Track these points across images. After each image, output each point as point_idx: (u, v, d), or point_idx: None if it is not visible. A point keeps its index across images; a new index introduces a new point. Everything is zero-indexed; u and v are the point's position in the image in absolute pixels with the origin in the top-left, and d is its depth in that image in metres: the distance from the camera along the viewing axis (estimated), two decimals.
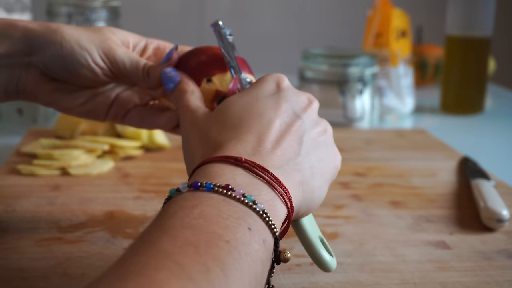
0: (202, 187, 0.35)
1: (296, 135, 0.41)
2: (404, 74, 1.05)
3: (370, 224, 0.57)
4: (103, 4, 0.93)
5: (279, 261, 0.37)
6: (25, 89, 0.49)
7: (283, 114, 0.42)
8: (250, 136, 0.40)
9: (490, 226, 0.57)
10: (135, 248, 0.31)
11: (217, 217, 0.33)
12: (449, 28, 1.07)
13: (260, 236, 0.34)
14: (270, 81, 0.44)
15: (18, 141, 0.80)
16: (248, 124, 0.41)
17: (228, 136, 0.40)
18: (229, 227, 0.32)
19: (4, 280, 0.44)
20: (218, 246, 0.31)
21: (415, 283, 0.46)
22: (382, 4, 1.05)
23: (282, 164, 0.39)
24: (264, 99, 0.43)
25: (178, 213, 0.33)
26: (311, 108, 0.44)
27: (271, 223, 0.35)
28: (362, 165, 0.75)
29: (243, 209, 0.34)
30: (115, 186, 0.65)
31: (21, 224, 0.54)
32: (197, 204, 0.33)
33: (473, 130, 1.02)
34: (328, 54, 0.97)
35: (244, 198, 0.34)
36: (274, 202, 0.37)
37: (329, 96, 0.94)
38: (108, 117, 0.52)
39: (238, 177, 0.36)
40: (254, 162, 0.37)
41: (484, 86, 1.08)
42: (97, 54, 0.48)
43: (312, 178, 0.41)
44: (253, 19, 1.95)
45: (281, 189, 0.37)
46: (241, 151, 0.39)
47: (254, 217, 0.34)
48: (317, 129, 0.43)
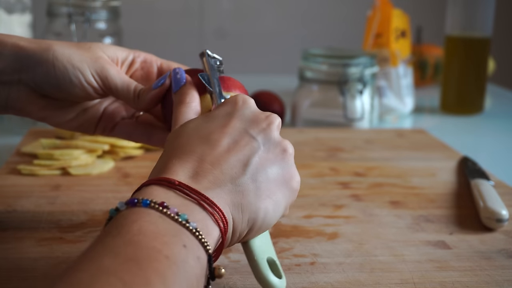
0: (139, 203, 0.36)
1: (243, 155, 0.41)
2: (404, 74, 1.05)
3: (370, 224, 0.57)
4: (103, 4, 0.93)
5: (213, 277, 0.38)
6: (15, 105, 0.50)
7: (233, 133, 0.42)
8: (192, 156, 0.41)
9: (490, 226, 0.57)
10: (78, 266, 0.31)
11: (155, 234, 0.34)
12: (449, 28, 1.07)
13: (194, 253, 0.35)
14: (228, 102, 0.44)
15: (19, 141, 0.80)
16: (193, 144, 0.41)
17: (172, 156, 0.41)
18: (167, 243, 0.34)
19: (4, 280, 0.45)
20: (159, 261, 0.32)
21: (415, 283, 0.46)
22: (382, 4, 1.05)
23: (220, 184, 0.40)
24: (217, 119, 0.43)
25: (118, 230, 0.34)
26: (268, 127, 0.43)
27: (204, 241, 0.36)
28: (362, 165, 0.75)
29: (178, 227, 0.35)
30: (115, 186, 0.65)
31: (21, 224, 0.54)
32: (136, 219, 0.35)
33: (472, 130, 1.02)
34: (328, 54, 0.97)
35: (177, 217, 0.36)
36: (206, 221, 0.37)
37: (329, 96, 0.94)
38: (97, 130, 0.54)
39: (171, 199, 0.37)
40: (186, 185, 0.38)
41: (484, 86, 1.09)
42: (90, 74, 0.49)
43: (256, 200, 0.40)
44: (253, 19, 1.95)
45: (211, 209, 0.38)
46: (179, 172, 0.39)
47: (188, 235, 0.35)
48: (272, 150, 0.42)
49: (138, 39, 1.46)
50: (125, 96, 0.50)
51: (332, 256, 0.50)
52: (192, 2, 1.90)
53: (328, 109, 0.94)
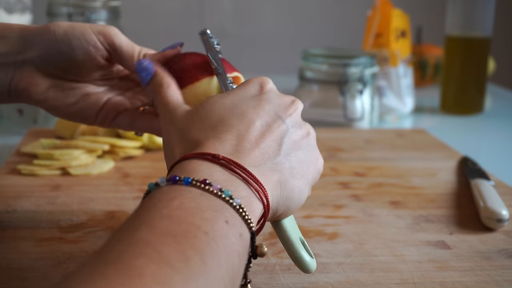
0: (180, 181, 0.35)
1: (277, 136, 0.42)
2: (404, 74, 1.05)
3: (370, 224, 0.57)
4: (103, 4, 0.93)
5: (255, 255, 0.37)
6: (17, 87, 0.49)
7: (265, 115, 0.42)
8: (230, 135, 0.40)
9: (490, 226, 0.57)
10: (114, 237, 0.31)
11: (195, 209, 0.33)
12: (448, 28, 1.07)
13: (237, 229, 0.34)
14: (254, 83, 0.45)
15: (19, 141, 0.80)
16: (228, 123, 0.41)
17: (207, 135, 0.41)
18: (207, 219, 0.33)
19: (4, 280, 0.45)
20: (197, 237, 0.31)
21: (415, 283, 0.46)
22: (382, 4, 1.05)
23: (260, 163, 0.40)
24: (246, 100, 0.43)
25: (156, 205, 0.33)
26: (294, 110, 0.44)
27: (247, 218, 0.36)
28: (362, 165, 0.75)
29: (221, 203, 0.35)
30: (115, 186, 0.65)
31: (21, 224, 0.54)
32: (176, 196, 0.34)
33: (472, 130, 1.02)
34: (328, 54, 0.97)
35: (221, 193, 0.35)
36: (250, 198, 0.37)
37: (329, 96, 0.94)
38: (97, 119, 0.52)
39: (215, 174, 0.37)
40: (231, 160, 0.38)
41: (484, 86, 1.09)
42: (92, 33, 0.48)
43: (291, 178, 0.41)
44: (253, 19, 1.95)
45: (257, 186, 0.38)
46: (220, 149, 0.39)
47: (231, 211, 0.35)
48: (299, 132, 0.44)
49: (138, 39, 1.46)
50: (130, 55, 0.49)
51: (332, 256, 0.50)
52: (192, 2, 1.90)
53: (328, 109, 0.94)
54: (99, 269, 0.28)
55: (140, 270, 0.28)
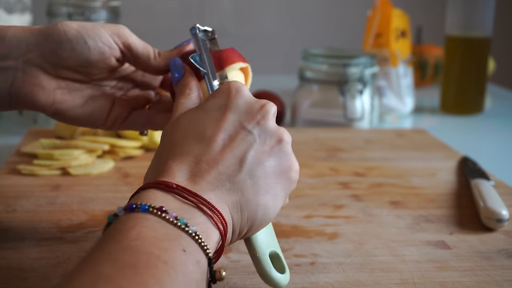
0: (137, 208, 0.36)
1: (239, 151, 0.40)
2: (404, 74, 1.05)
3: (370, 224, 0.57)
4: (103, 4, 0.93)
5: (214, 280, 0.37)
6: (20, 91, 0.46)
7: (228, 127, 0.41)
8: (188, 156, 0.40)
9: (490, 226, 0.57)
10: (78, 274, 0.31)
11: (154, 239, 0.34)
12: (448, 28, 1.07)
13: (194, 257, 0.35)
14: (221, 92, 0.43)
15: (19, 141, 0.80)
16: (188, 144, 0.41)
17: (170, 157, 0.41)
18: (165, 249, 0.33)
19: (4, 280, 0.45)
20: (157, 266, 0.32)
21: (415, 283, 0.46)
22: (382, 4, 1.05)
23: (218, 184, 0.39)
24: (210, 113, 0.42)
25: (116, 237, 0.34)
26: (263, 117, 0.42)
27: (203, 245, 0.36)
28: (362, 165, 0.75)
29: (177, 231, 0.35)
30: (115, 186, 0.65)
31: (21, 224, 0.54)
32: (134, 225, 0.34)
33: (472, 130, 1.02)
34: (328, 54, 0.97)
35: (176, 221, 0.35)
36: (206, 224, 0.37)
37: (329, 96, 0.94)
38: (108, 120, 0.50)
39: (170, 203, 0.37)
40: (184, 188, 0.38)
41: (484, 86, 1.09)
42: (105, 33, 0.47)
43: (253, 196, 0.40)
44: (253, 19, 1.95)
45: (211, 212, 0.38)
46: (177, 174, 0.39)
47: (187, 239, 0.35)
48: (269, 141, 0.41)
49: None
50: (145, 53, 0.49)
51: (332, 256, 0.50)
52: (192, 2, 1.90)
53: (328, 109, 0.94)
54: None
55: None
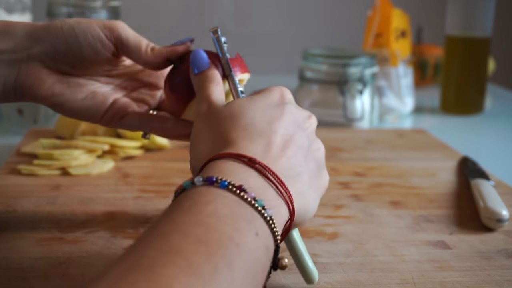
0: (217, 183, 0.35)
1: (299, 147, 0.42)
2: (404, 74, 1.05)
3: (370, 224, 0.57)
4: (103, 4, 0.93)
5: (276, 267, 0.38)
6: (24, 83, 0.48)
7: (288, 125, 0.43)
8: (261, 139, 0.41)
9: (490, 226, 0.57)
10: (146, 241, 0.31)
11: (229, 218, 0.33)
12: (448, 28, 1.07)
13: (264, 242, 0.35)
14: (276, 92, 0.45)
15: (19, 141, 0.80)
16: (259, 128, 0.41)
17: (240, 134, 0.41)
18: (239, 230, 0.33)
19: (4, 280, 0.45)
20: (228, 247, 0.32)
21: (415, 283, 0.46)
22: (382, 4, 1.05)
23: (287, 171, 0.40)
24: (271, 108, 0.43)
25: (191, 208, 0.33)
26: (311, 125, 0.44)
27: (275, 230, 0.36)
28: (362, 165, 0.75)
29: (253, 213, 0.35)
30: (115, 186, 0.65)
31: (21, 224, 0.54)
32: (211, 200, 0.34)
33: (473, 130, 1.02)
34: (328, 54, 0.97)
35: (254, 202, 0.35)
36: (280, 209, 0.38)
37: (329, 96, 0.94)
38: (104, 118, 0.51)
39: (250, 179, 0.37)
40: (266, 166, 0.38)
41: (484, 86, 1.09)
42: (97, 28, 0.49)
43: (309, 190, 0.42)
44: (253, 19, 1.95)
45: (287, 196, 0.38)
46: (252, 151, 0.39)
47: (261, 222, 0.35)
48: (314, 145, 0.44)
49: None
50: (137, 47, 0.49)
51: (332, 256, 0.50)
52: (192, 2, 1.90)
53: (328, 109, 0.94)
54: (128, 276, 0.28)
55: (170, 281, 0.28)
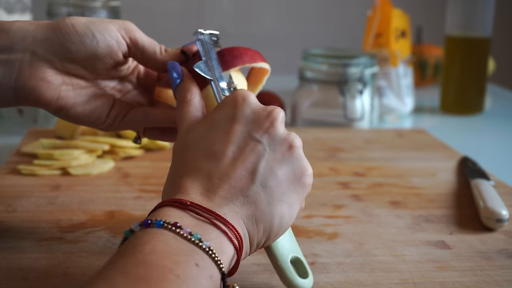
0: (153, 224, 0.36)
1: (250, 163, 0.40)
2: (404, 74, 1.05)
3: (370, 224, 0.57)
4: (103, 4, 0.93)
5: None
6: (26, 85, 0.46)
7: (237, 139, 0.41)
8: (200, 173, 0.40)
9: (490, 226, 0.57)
10: (92, 285, 0.32)
11: (167, 253, 0.34)
12: (448, 28, 1.07)
13: (207, 271, 0.35)
14: (228, 102, 0.43)
15: (19, 141, 0.80)
16: (199, 159, 0.41)
17: (184, 173, 0.41)
18: (179, 263, 0.34)
19: (4, 280, 0.45)
20: (169, 280, 0.32)
21: (415, 283, 0.46)
22: (382, 4, 1.05)
23: (231, 199, 0.40)
24: (218, 126, 0.42)
25: (131, 251, 0.34)
26: (271, 125, 0.42)
27: (217, 259, 0.36)
28: (362, 165, 0.75)
29: (191, 246, 0.36)
30: (115, 186, 0.65)
31: (21, 224, 0.54)
32: (149, 240, 0.35)
33: (472, 130, 1.02)
34: (328, 54, 0.97)
35: (190, 236, 0.36)
36: (220, 240, 0.38)
37: (329, 96, 0.94)
38: (108, 119, 0.50)
39: (184, 219, 0.38)
40: (198, 205, 0.38)
41: (484, 86, 1.09)
42: (113, 27, 0.48)
43: (268, 207, 0.40)
44: (253, 19, 1.95)
45: (225, 227, 0.38)
46: (191, 191, 0.40)
47: (201, 254, 0.36)
48: (279, 148, 0.41)
49: None
50: (151, 48, 0.49)
51: (332, 256, 0.50)
52: (192, 2, 1.90)
53: (328, 109, 0.94)
54: None
55: None
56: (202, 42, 0.48)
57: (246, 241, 0.40)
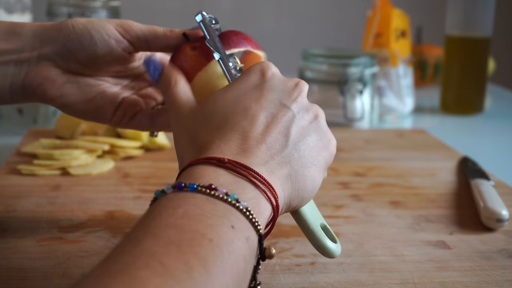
0: (186, 187, 0.35)
1: (283, 126, 0.41)
2: (404, 74, 1.05)
3: (370, 224, 0.57)
4: (103, 4, 0.93)
5: (264, 257, 0.37)
6: (32, 83, 0.48)
7: (268, 106, 0.42)
8: (235, 134, 0.40)
9: (490, 226, 0.57)
10: (119, 247, 0.31)
11: (200, 216, 0.33)
12: (448, 28, 1.07)
13: (243, 234, 0.34)
14: (254, 72, 0.44)
15: (19, 141, 0.80)
16: (232, 121, 0.41)
17: (213, 136, 0.40)
18: (212, 226, 0.33)
19: (4, 280, 0.45)
20: (201, 245, 0.31)
21: (415, 283, 0.46)
22: (382, 4, 1.05)
23: (268, 159, 0.40)
24: (248, 93, 0.42)
25: (162, 213, 0.33)
26: (299, 95, 0.43)
27: (254, 221, 0.35)
28: (362, 165, 0.75)
29: (227, 207, 0.35)
30: (115, 186, 0.65)
31: (21, 224, 0.54)
32: (181, 204, 0.34)
33: (472, 130, 1.02)
34: (328, 54, 0.97)
35: (227, 197, 0.35)
36: (258, 199, 0.37)
37: (329, 96, 0.94)
38: (114, 118, 0.51)
39: (221, 177, 0.37)
40: (236, 162, 0.38)
41: (484, 86, 1.09)
42: (111, 26, 0.48)
43: (302, 169, 0.41)
44: (253, 19, 1.95)
45: (264, 186, 0.38)
46: (225, 150, 0.39)
47: (237, 215, 0.35)
48: (306, 117, 0.43)
49: None
50: (154, 33, 0.49)
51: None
52: (192, 2, 1.90)
53: (328, 109, 0.94)
54: (103, 281, 0.28)
55: (144, 283, 0.28)
56: (204, 22, 0.48)
57: (282, 201, 0.40)
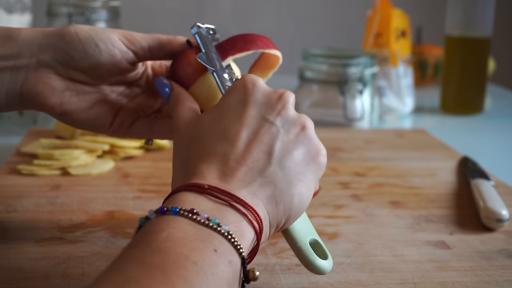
0: (168, 211, 0.36)
1: (265, 144, 0.40)
2: (404, 74, 1.05)
3: (370, 224, 0.57)
4: (103, 4, 0.93)
5: (248, 280, 0.37)
6: (31, 90, 0.47)
7: (250, 122, 0.41)
8: (216, 157, 0.40)
9: (490, 226, 0.57)
10: (106, 277, 0.31)
11: (183, 240, 0.34)
12: (448, 28, 1.07)
13: (226, 257, 0.34)
14: (237, 88, 0.43)
15: (19, 141, 0.80)
16: (214, 143, 0.41)
17: (196, 160, 0.41)
18: (195, 249, 0.33)
19: (4, 280, 0.45)
20: (185, 267, 0.32)
21: (415, 283, 0.46)
22: (382, 4, 1.05)
23: (249, 181, 0.39)
24: (230, 110, 0.42)
25: (146, 239, 0.34)
26: (283, 107, 0.42)
27: (236, 244, 0.35)
28: (362, 165, 0.75)
29: (209, 231, 0.35)
30: (115, 186, 0.65)
31: (21, 224, 0.54)
32: (164, 227, 0.34)
33: (472, 130, 1.02)
34: (328, 54, 0.97)
35: (208, 222, 0.35)
36: (240, 223, 0.37)
37: (329, 96, 0.94)
38: (113, 126, 0.51)
39: (202, 204, 0.37)
40: (216, 187, 0.38)
41: (484, 86, 1.09)
42: (115, 36, 0.48)
43: (288, 187, 0.40)
44: (253, 19, 1.95)
45: (245, 210, 0.38)
46: (207, 175, 0.39)
47: (219, 239, 0.35)
48: (292, 130, 0.42)
49: None
50: (157, 42, 0.49)
51: (332, 256, 0.50)
52: (192, 2, 1.90)
53: (328, 109, 0.94)
54: None
55: None
56: (200, 34, 0.49)
57: (266, 223, 0.39)
